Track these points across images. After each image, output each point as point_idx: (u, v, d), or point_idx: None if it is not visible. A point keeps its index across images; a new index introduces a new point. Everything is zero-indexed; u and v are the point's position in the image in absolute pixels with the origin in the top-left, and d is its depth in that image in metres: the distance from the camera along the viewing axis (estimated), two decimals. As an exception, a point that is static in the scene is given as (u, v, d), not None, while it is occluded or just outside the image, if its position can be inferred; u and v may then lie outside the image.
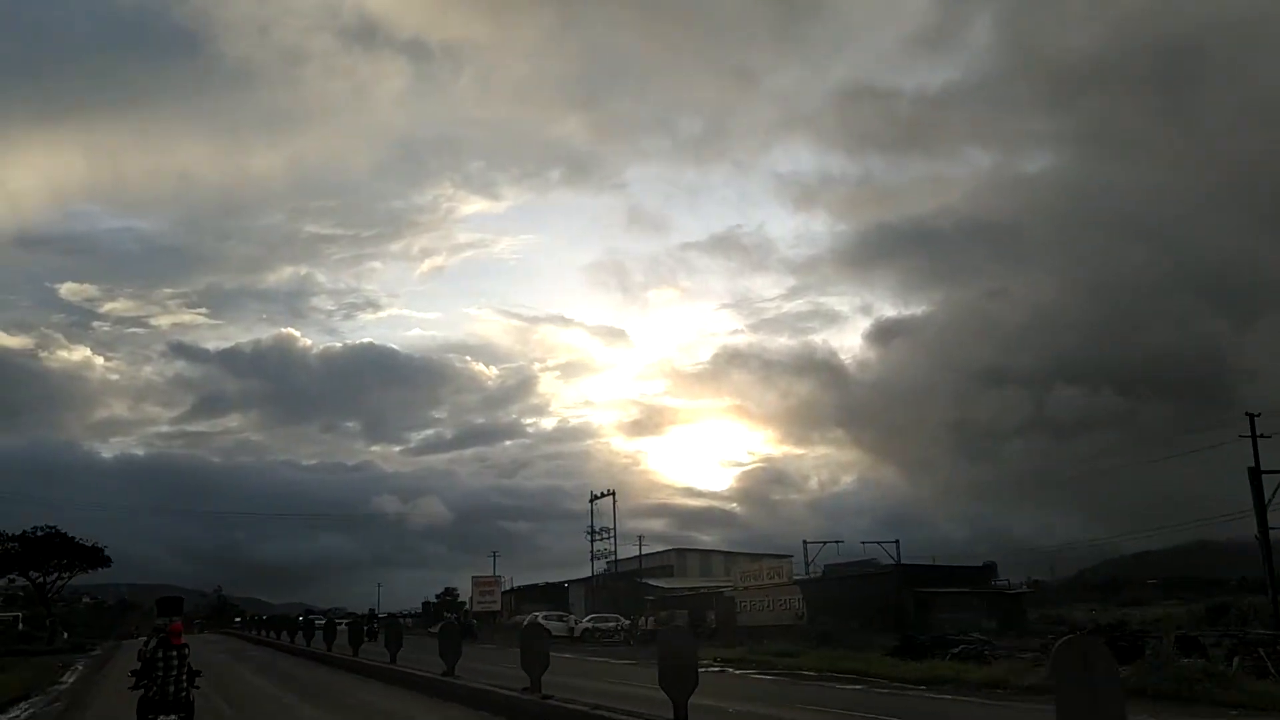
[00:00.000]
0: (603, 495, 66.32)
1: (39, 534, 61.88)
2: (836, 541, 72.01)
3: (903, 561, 50.77)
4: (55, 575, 63.90)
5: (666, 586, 60.84)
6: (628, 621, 49.99)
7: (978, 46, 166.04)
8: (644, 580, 64.05)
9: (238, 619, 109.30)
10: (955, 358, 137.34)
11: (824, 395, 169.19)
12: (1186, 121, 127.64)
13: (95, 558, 64.29)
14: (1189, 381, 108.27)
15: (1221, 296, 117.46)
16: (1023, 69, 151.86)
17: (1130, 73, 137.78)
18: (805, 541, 73.63)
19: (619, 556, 66.39)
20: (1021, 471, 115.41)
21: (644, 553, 66.76)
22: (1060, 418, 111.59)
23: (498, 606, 63.00)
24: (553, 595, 74.00)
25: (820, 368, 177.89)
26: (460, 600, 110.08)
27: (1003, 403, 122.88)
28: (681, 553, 68.41)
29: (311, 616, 64.07)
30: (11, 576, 64.48)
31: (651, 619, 48.00)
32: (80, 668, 37.72)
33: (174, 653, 11.81)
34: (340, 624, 72.98)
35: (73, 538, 62.83)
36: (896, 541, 70.75)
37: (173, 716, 11.64)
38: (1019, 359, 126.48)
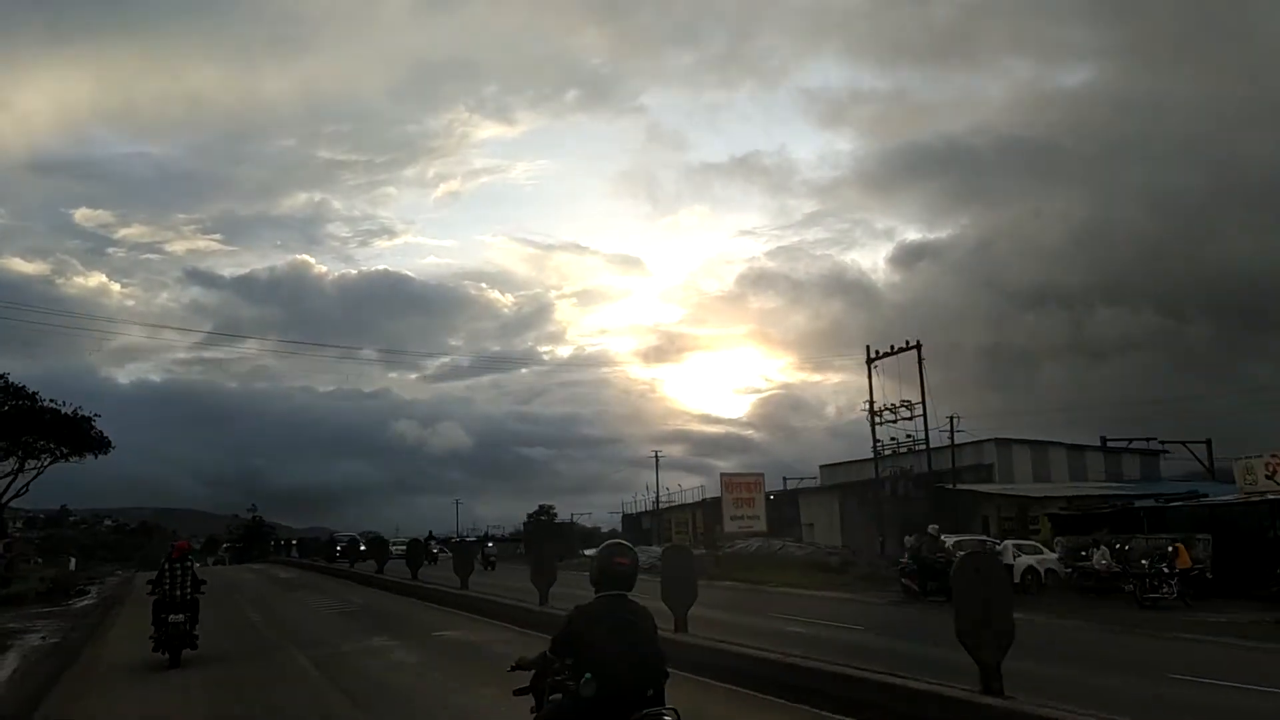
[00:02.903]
0: (892, 352, 41.58)
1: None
2: (1153, 444, 47.78)
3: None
4: (14, 464, 38.34)
5: (1033, 494, 36.72)
6: (1143, 553, 25.24)
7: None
8: (965, 486, 39.79)
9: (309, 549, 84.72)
10: (988, 280, 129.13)
11: (845, 322, 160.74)
12: (1234, 30, 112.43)
13: (79, 436, 39.04)
14: (1236, 302, 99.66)
15: (1273, 213, 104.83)
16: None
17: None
18: (1104, 438, 49.51)
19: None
20: (1055, 395, 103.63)
21: (933, 446, 41.60)
22: (1099, 340, 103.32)
23: (763, 526, 39.04)
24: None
25: (843, 292, 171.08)
26: (559, 517, 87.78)
27: (1037, 325, 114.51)
28: (1004, 444, 43.07)
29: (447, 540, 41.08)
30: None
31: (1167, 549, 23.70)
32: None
33: (179, 565, 14.79)
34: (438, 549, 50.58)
35: (34, 394, 37.57)
36: (1208, 441, 47.57)
37: (180, 615, 14.31)
38: (1056, 280, 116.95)
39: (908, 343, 41.03)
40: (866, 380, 41.16)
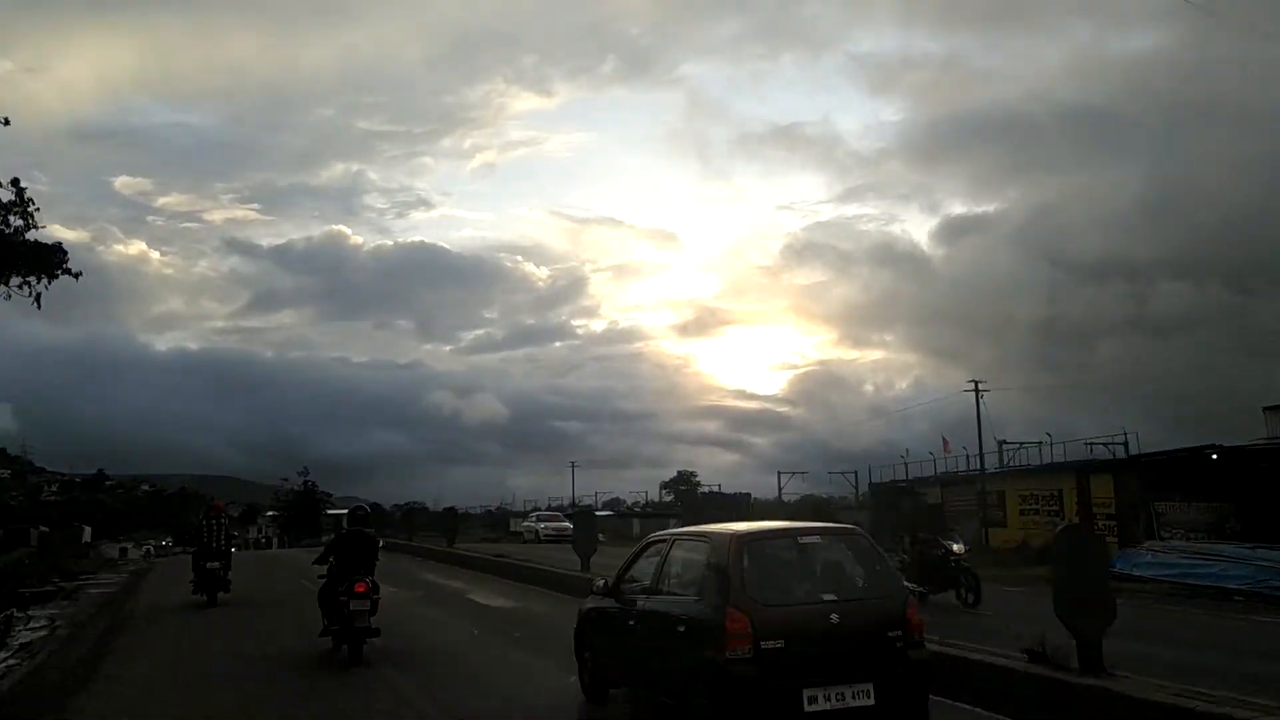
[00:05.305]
0: None
1: None
2: None
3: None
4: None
5: None
6: None
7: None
8: None
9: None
10: (1042, 253, 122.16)
11: (886, 297, 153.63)
12: None
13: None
14: None
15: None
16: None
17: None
18: None
19: None
20: (1111, 373, 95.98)
21: None
22: (1160, 316, 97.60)
23: None
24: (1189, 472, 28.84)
25: (888, 266, 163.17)
26: (700, 482, 68.49)
27: (1095, 301, 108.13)
28: None
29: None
30: None
31: None
32: None
33: (215, 522, 17.19)
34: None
35: None
36: None
37: (216, 562, 16.80)
38: (1114, 254, 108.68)
39: None
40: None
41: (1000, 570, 27.30)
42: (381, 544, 12.21)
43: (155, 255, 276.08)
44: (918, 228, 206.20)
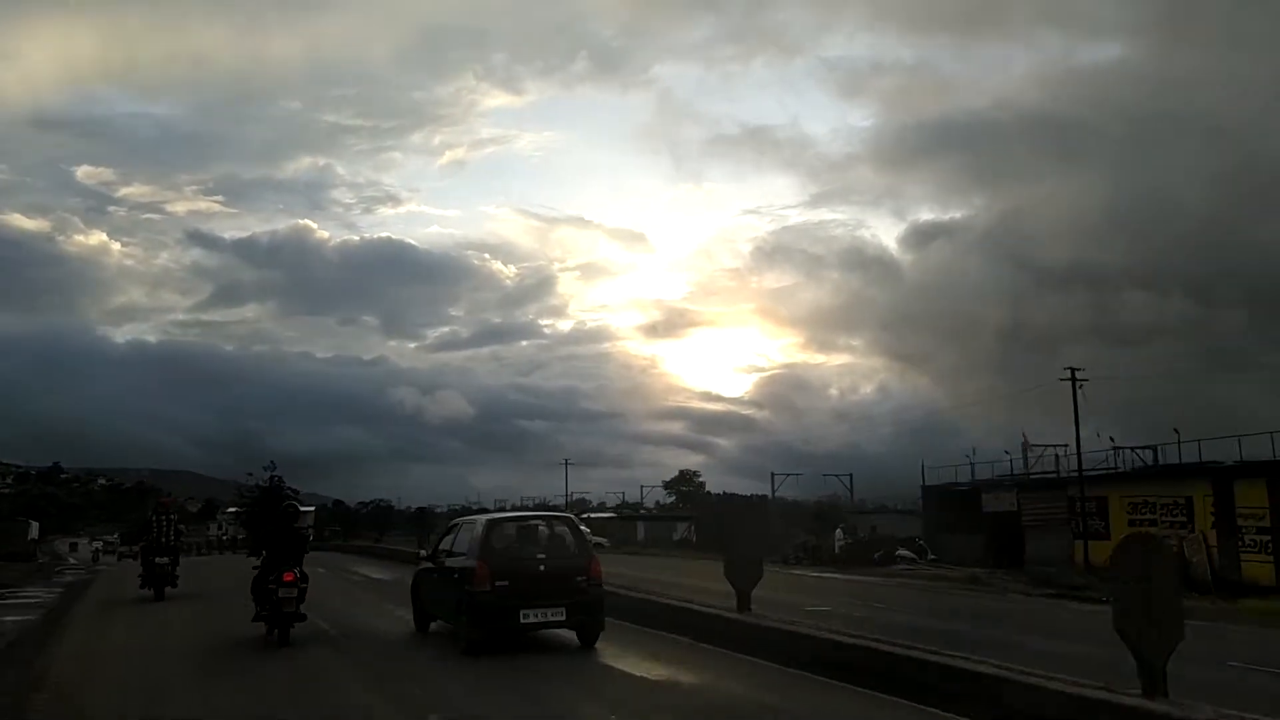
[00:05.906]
0: None
1: None
2: None
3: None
4: None
5: None
6: None
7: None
8: None
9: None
10: (1007, 261, 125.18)
11: (853, 301, 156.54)
12: (1272, 5, 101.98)
13: None
14: (1269, 289, 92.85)
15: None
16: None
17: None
18: None
19: None
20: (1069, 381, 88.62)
21: None
22: (1123, 324, 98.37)
23: None
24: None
25: (854, 270, 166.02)
26: (704, 483, 64.99)
27: (1058, 309, 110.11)
28: None
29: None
30: None
31: None
32: None
33: (164, 517, 17.82)
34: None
35: None
36: None
37: (165, 558, 17.43)
38: (1080, 263, 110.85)
39: None
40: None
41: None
42: (311, 538, 13.69)
43: (116, 246, 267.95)
44: (885, 233, 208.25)
